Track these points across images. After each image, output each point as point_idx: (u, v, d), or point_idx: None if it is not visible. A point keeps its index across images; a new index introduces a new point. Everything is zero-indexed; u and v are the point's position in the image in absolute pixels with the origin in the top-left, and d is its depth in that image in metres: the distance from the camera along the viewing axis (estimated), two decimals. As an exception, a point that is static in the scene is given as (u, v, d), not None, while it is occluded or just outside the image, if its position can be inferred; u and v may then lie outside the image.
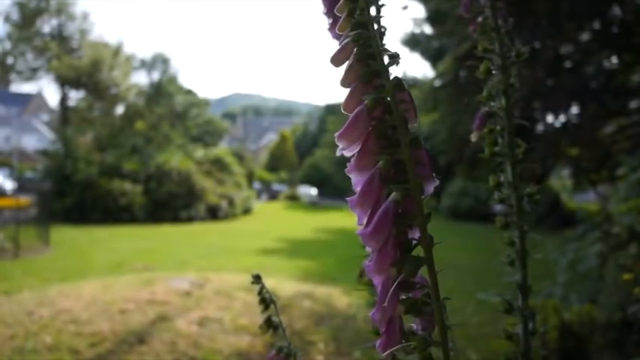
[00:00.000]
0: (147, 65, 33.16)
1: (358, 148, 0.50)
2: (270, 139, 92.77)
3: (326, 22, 0.81)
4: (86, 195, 23.69)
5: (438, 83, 25.55)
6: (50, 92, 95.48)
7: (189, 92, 39.89)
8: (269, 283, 4.87)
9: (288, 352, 0.85)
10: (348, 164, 0.65)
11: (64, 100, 32.46)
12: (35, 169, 51.55)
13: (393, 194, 0.48)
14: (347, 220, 29.49)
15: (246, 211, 30.39)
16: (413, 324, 0.61)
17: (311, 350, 6.03)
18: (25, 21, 30.79)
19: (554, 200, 24.68)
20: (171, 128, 33.76)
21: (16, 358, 5.58)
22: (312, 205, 42.34)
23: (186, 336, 5.99)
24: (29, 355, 5.62)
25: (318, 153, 47.46)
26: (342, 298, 8.03)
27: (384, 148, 0.48)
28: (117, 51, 30.94)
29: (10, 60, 31.58)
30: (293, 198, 46.10)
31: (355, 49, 0.45)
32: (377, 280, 0.52)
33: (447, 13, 11.79)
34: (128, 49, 31.19)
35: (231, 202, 28.29)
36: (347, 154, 0.52)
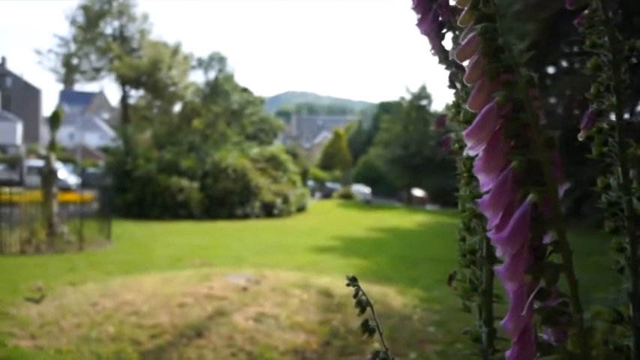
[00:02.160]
0: (204, 64, 33.73)
1: (486, 148, 0.48)
2: (324, 137, 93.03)
3: (414, 17, 0.80)
4: (145, 191, 24.34)
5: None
6: (111, 91, 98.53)
7: (244, 90, 40.40)
8: (324, 281, 4.97)
9: (384, 357, 0.83)
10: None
11: (124, 98, 33.43)
12: (97, 166, 53.35)
13: (530, 196, 0.46)
14: (400, 219, 29.33)
15: (301, 208, 30.55)
16: (543, 334, 0.56)
17: (366, 350, 6.01)
18: (89, 23, 31.86)
19: None
20: (228, 126, 34.27)
21: (82, 346, 5.79)
22: (366, 204, 42.22)
23: (243, 331, 6.08)
24: (94, 344, 5.82)
25: (372, 151, 47.23)
26: (397, 298, 7.98)
27: (513, 148, 0.46)
28: (175, 50, 31.65)
29: (74, 61, 32.74)
30: (347, 196, 46.06)
31: (481, 44, 0.44)
32: (509, 287, 0.50)
33: (505, 9, 11.55)
34: (186, 48, 31.90)
35: (285, 200, 28.51)
36: (472, 153, 0.50)
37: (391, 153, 41.74)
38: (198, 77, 34.04)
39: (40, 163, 28.81)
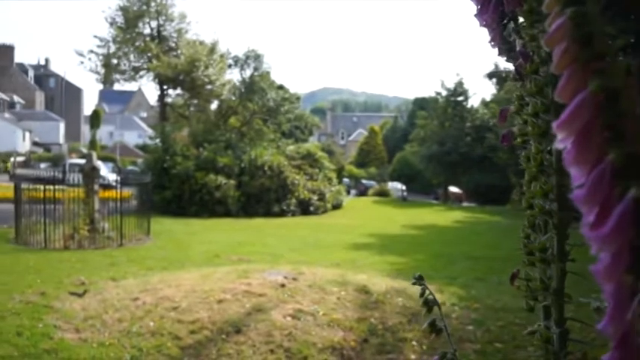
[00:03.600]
0: (240, 62, 33.95)
1: (577, 140, 0.45)
2: (359, 134, 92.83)
3: (473, 7, 0.78)
4: (183, 188, 24.68)
5: (512, 75, 24.68)
6: (149, 89, 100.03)
7: (280, 88, 40.56)
8: (361, 278, 4.94)
9: (452, 358, 0.81)
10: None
11: (162, 97, 33.89)
12: (135, 163, 54.29)
13: (633, 191, 0.43)
14: (437, 216, 29.07)
15: (337, 206, 30.54)
16: None
17: (405, 348, 5.97)
18: (128, 24, 32.36)
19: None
20: (264, 123, 34.47)
21: (124, 340, 5.90)
22: (402, 201, 41.99)
23: (281, 328, 6.10)
24: (135, 338, 5.92)
25: (408, 148, 46.93)
26: (435, 296, 7.90)
27: (607, 140, 0.43)
28: (212, 49, 31.93)
29: (114, 61, 33.33)
30: (382, 193, 45.87)
31: (571, 29, 0.41)
32: (607, 288, 0.47)
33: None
34: (222, 46, 32.16)
35: (321, 197, 28.55)
36: (561, 145, 0.47)
37: (427, 150, 41.38)
38: (234, 75, 34.13)
39: (81, 161, 29.47)
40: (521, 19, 0.73)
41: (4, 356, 5.43)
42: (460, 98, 42.96)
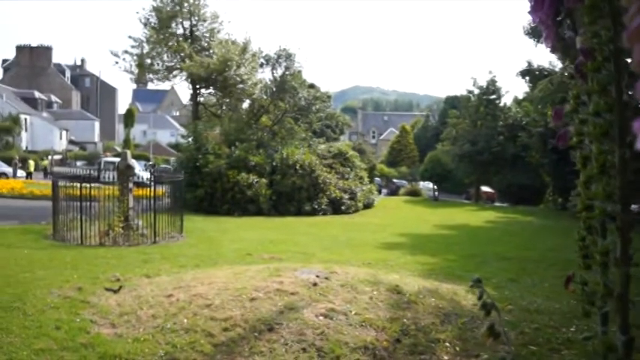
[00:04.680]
0: (271, 61, 34.05)
1: None
2: (390, 132, 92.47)
3: (527, 4, 0.76)
4: (215, 186, 24.91)
5: (568, 73, 24.20)
6: (181, 88, 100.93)
7: (312, 86, 40.58)
8: (392, 278, 4.91)
9: None
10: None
11: (195, 96, 34.20)
12: (168, 161, 54.96)
13: None
14: (468, 216, 28.77)
15: (368, 205, 30.48)
16: None
17: (437, 348, 5.92)
18: (162, 24, 32.75)
19: None
20: (295, 122, 34.54)
21: (158, 336, 5.97)
22: (433, 201, 41.68)
23: (314, 327, 6.09)
24: (168, 334, 5.99)
25: (439, 147, 46.54)
26: (467, 297, 7.79)
27: None
28: (244, 48, 32.09)
29: (147, 61, 33.75)
30: (414, 193, 45.60)
31: None
32: None
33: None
34: (254, 45, 32.23)
35: (352, 196, 28.52)
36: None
37: (459, 149, 40.98)
38: (266, 74, 34.25)
39: (115, 159, 29.92)
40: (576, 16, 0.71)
41: (44, 349, 5.55)
42: (492, 96, 42.44)
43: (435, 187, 44.35)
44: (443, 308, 6.99)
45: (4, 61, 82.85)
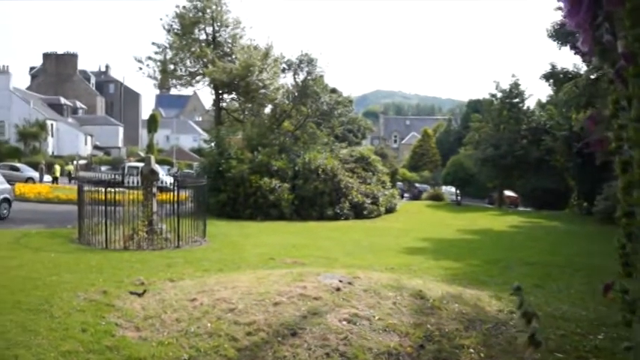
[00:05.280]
0: (293, 66, 34.15)
1: None
2: (412, 137, 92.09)
3: (564, 9, 0.75)
4: (238, 191, 25.02)
5: (593, 76, 23.83)
6: (203, 93, 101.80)
7: (333, 91, 40.63)
8: (416, 283, 4.89)
9: None
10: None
11: (217, 101, 34.42)
12: (191, 166, 55.34)
13: None
14: (491, 220, 28.52)
15: (390, 209, 30.37)
16: None
17: (462, 354, 5.86)
18: (185, 30, 33.07)
19: None
20: (317, 127, 34.58)
21: (182, 339, 6.00)
22: (456, 205, 41.42)
23: (337, 332, 6.08)
24: (192, 338, 6.02)
25: (462, 151, 46.25)
26: (491, 302, 7.71)
27: None
28: (266, 53, 32.24)
29: (171, 66, 34.07)
30: (436, 197, 45.35)
31: None
32: None
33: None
34: (276, 50, 32.31)
35: (375, 201, 28.45)
36: None
37: (481, 153, 40.68)
38: (288, 79, 34.33)
39: (139, 164, 30.23)
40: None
41: (70, 351, 5.62)
42: (515, 100, 42.07)
43: (458, 191, 44.09)
44: (467, 314, 6.93)
45: (32, 68, 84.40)
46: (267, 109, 35.54)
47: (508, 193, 44.81)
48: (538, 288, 9.64)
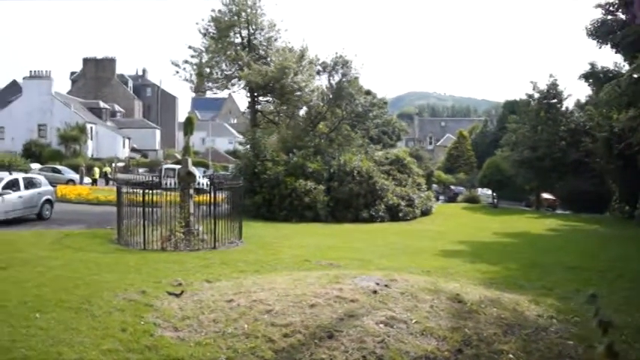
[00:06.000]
0: (328, 68, 34.13)
1: None
2: (448, 138, 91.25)
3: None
4: (274, 193, 25.12)
5: (636, 75, 23.20)
6: (238, 96, 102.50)
7: (368, 93, 40.50)
8: (453, 286, 4.84)
9: None
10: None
11: (253, 104, 34.62)
12: (226, 168, 55.82)
13: None
14: (529, 223, 28.04)
15: (426, 212, 30.13)
16: None
17: (500, 360, 5.78)
18: (220, 34, 33.33)
19: None
20: (352, 129, 34.50)
21: (219, 340, 6.05)
22: (492, 208, 40.87)
23: (374, 334, 6.05)
24: (230, 339, 6.07)
25: (498, 153, 45.59)
26: (530, 307, 7.58)
27: None
28: (301, 56, 32.29)
29: (206, 70, 34.40)
30: (472, 200, 44.81)
31: None
32: None
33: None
34: (311, 52, 32.28)
35: (410, 203, 28.27)
36: None
37: (518, 155, 40.02)
38: (323, 81, 34.29)
39: (176, 166, 30.63)
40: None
41: (111, 349, 5.73)
42: (553, 100, 41.30)
43: (494, 193, 43.49)
44: (505, 318, 6.82)
45: (72, 73, 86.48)
46: (302, 111, 35.59)
47: (546, 195, 44.00)
48: (579, 293, 9.42)
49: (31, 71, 59.47)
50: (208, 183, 17.22)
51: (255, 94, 33.82)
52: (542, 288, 9.73)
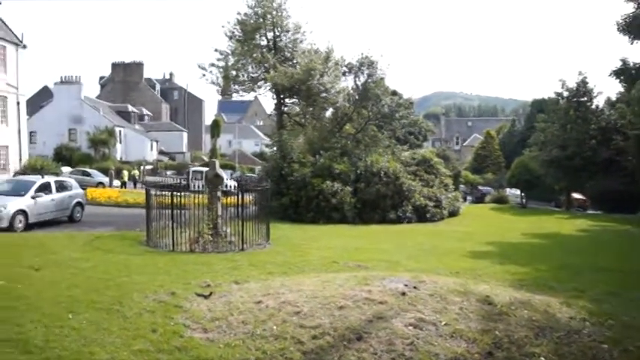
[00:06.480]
0: (354, 69, 34.06)
1: None
2: (475, 138, 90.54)
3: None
4: (300, 194, 25.14)
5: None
6: (264, 98, 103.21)
7: (394, 93, 40.30)
8: (482, 288, 4.78)
9: None
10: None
11: (279, 106, 34.72)
12: (253, 170, 56.16)
13: None
14: (559, 224, 27.63)
15: (453, 212, 29.92)
16: None
17: (531, 363, 5.70)
18: (246, 37, 33.52)
19: None
20: (379, 130, 34.38)
21: (248, 341, 6.08)
22: (521, 208, 40.40)
23: (403, 336, 6.01)
24: (259, 341, 6.09)
25: (527, 153, 45.03)
26: (562, 309, 7.44)
27: None
28: (327, 57, 32.28)
29: (233, 72, 34.62)
30: (500, 200, 44.35)
31: None
32: None
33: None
34: (336, 53, 32.24)
35: (437, 204, 28.08)
36: None
37: (547, 154, 39.46)
38: (349, 82, 34.22)
39: (203, 168, 30.88)
40: None
41: (142, 350, 5.80)
42: (583, 99, 40.63)
43: (523, 194, 42.98)
44: (537, 321, 6.71)
45: (101, 77, 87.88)
46: (329, 113, 35.57)
47: (576, 195, 43.33)
48: (612, 295, 9.23)
49: (61, 77, 60.83)
50: (235, 185, 17.29)
51: (282, 96, 33.92)
52: (573, 290, 9.55)
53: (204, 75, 34.81)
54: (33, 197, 18.87)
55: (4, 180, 23.03)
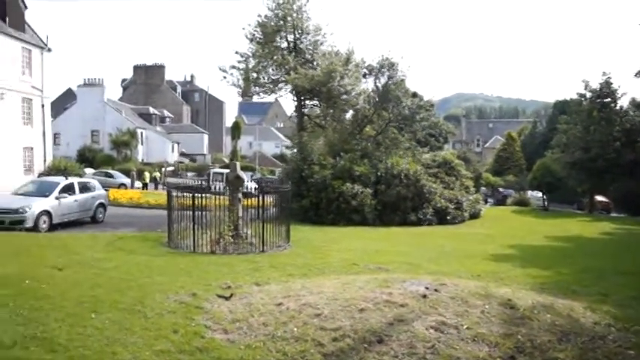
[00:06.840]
0: (374, 71, 33.99)
1: None
2: (496, 140, 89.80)
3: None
4: (321, 196, 25.12)
5: None
6: (285, 100, 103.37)
7: (414, 95, 40.14)
8: (504, 291, 4.73)
9: None
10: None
11: (300, 108, 34.77)
12: (273, 172, 56.30)
13: None
14: (582, 227, 27.31)
15: (474, 215, 29.71)
16: None
17: (555, 368, 5.63)
18: (267, 39, 33.66)
19: None
20: (399, 132, 34.26)
21: (269, 343, 6.09)
22: (543, 211, 39.98)
23: (424, 340, 5.98)
24: (279, 343, 6.10)
25: (549, 155, 44.53)
26: (586, 314, 7.34)
27: None
28: (347, 59, 32.27)
29: (253, 74, 34.79)
30: (522, 203, 43.93)
31: None
32: None
33: None
34: (357, 55, 32.22)
35: (458, 206, 27.91)
36: None
37: (570, 156, 38.97)
38: (369, 84, 34.16)
39: (224, 170, 31.04)
40: None
41: (163, 350, 5.84)
42: (607, 100, 40.04)
43: (545, 196, 42.53)
44: (560, 325, 6.63)
45: (123, 80, 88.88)
46: (349, 115, 35.54)
47: (599, 198, 42.75)
48: (637, 300, 9.07)
49: (84, 79, 61.62)
50: (256, 187, 17.34)
51: (302, 98, 33.98)
52: (596, 294, 9.41)
53: (224, 77, 35.05)
54: (57, 198, 19.15)
55: (29, 181, 23.38)
